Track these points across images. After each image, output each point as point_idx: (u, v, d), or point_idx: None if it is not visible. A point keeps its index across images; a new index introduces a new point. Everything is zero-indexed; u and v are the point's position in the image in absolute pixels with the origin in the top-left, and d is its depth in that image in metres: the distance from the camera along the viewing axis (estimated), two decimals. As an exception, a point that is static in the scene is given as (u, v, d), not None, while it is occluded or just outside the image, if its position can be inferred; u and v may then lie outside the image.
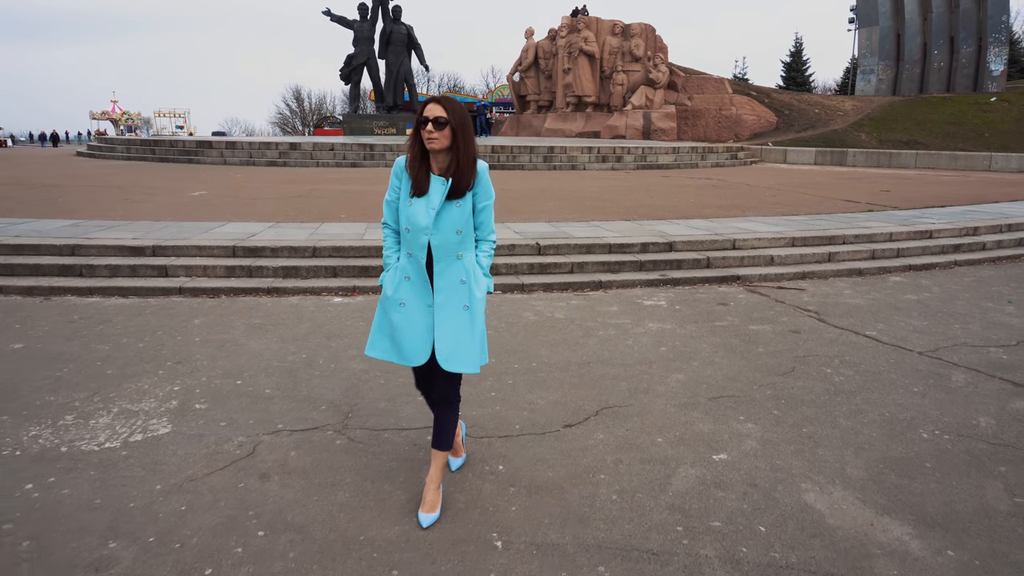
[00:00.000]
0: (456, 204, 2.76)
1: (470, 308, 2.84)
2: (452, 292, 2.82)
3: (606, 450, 3.61)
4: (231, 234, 8.15)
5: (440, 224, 2.75)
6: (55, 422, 3.86)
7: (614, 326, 5.88)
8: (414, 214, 2.75)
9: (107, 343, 5.24)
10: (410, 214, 2.76)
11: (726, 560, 2.70)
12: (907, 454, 3.60)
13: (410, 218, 2.77)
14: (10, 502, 3.05)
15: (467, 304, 2.84)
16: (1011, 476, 3.38)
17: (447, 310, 2.82)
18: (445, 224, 2.76)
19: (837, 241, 8.79)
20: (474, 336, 2.86)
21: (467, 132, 2.72)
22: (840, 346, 5.40)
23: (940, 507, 3.10)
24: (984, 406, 4.24)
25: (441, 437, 2.98)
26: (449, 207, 2.76)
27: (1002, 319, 6.23)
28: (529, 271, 7.41)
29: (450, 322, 2.82)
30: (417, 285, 2.83)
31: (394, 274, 2.88)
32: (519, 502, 3.11)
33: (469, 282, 2.85)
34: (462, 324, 2.83)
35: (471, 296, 2.84)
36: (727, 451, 3.62)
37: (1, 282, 6.70)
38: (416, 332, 2.84)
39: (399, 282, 2.85)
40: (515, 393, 4.37)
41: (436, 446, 3.00)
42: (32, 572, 2.57)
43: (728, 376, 4.72)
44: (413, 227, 2.77)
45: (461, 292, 2.83)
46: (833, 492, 3.22)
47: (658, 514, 3.02)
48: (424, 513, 2.91)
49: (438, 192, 2.74)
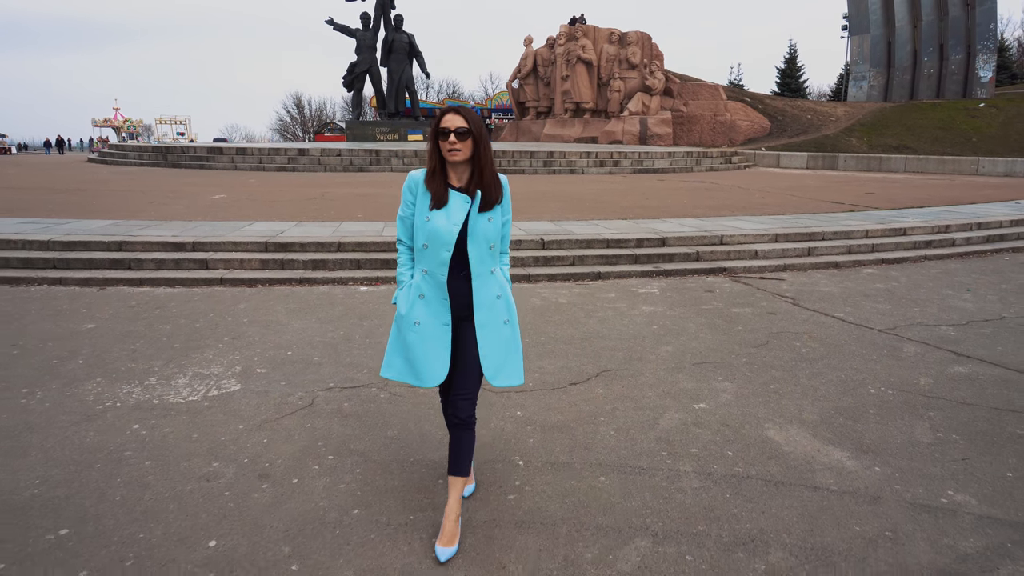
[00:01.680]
0: (488, 219, 2.71)
1: (510, 322, 2.84)
2: (491, 308, 2.78)
3: (605, 401, 4.35)
4: (261, 232, 8.89)
5: (476, 240, 2.69)
6: (142, 382, 4.60)
7: (612, 309, 6.63)
8: (435, 229, 2.67)
9: (167, 324, 5.98)
10: (429, 229, 2.68)
11: (700, 473, 3.44)
12: (855, 404, 4.35)
13: (430, 233, 2.68)
14: (124, 438, 3.78)
15: (507, 319, 2.82)
16: (937, 419, 4.13)
17: (490, 327, 2.77)
18: (481, 239, 2.70)
19: (817, 237, 9.54)
20: (517, 349, 2.88)
21: (487, 141, 2.68)
22: (810, 325, 6.15)
23: (875, 440, 3.84)
24: (927, 370, 4.99)
25: (460, 462, 2.87)
26: (482, 222, 2.70)
27: (958, 304, 6.99)
28: (535, 264, 8.16)
29: (494, 339, 2.78)
30: (434, 303, 2.75)
31: (408, 292, 2.80)
32: (535, 436, 3.85)
33: (505, 296, 2.82)
34: (505, 339, 2.81)
35: (509, 310, 2.83)
36: (706, 401, 4.36)
37: (60, 274, 7.43)
38: (432, 352, 2.76)
39: (413, 300, 2.77)
40: (528, 360, 5.11)
41: (454, 472, 2.87)
42: (158, 482, 3.30)
43: (710, 347, 5.46)
44: (432, 242, 2.68)
45: (499, 307, 2.80)
46: (790, 430, 3.96)
47: (647, 444, 3.76)
48: (441, 546, 2.75)
49: (462, 208, 2.67)
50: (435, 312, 2.75)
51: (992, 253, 9.96)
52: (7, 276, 7.39)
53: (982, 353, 5.36)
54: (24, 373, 4.73)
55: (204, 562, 2.70)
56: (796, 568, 2.68)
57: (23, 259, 7.74)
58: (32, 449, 3.62)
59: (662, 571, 2.66)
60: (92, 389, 4.46)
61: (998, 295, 7.36)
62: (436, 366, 2.76)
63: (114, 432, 3.84)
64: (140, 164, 24.52)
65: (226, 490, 3.24)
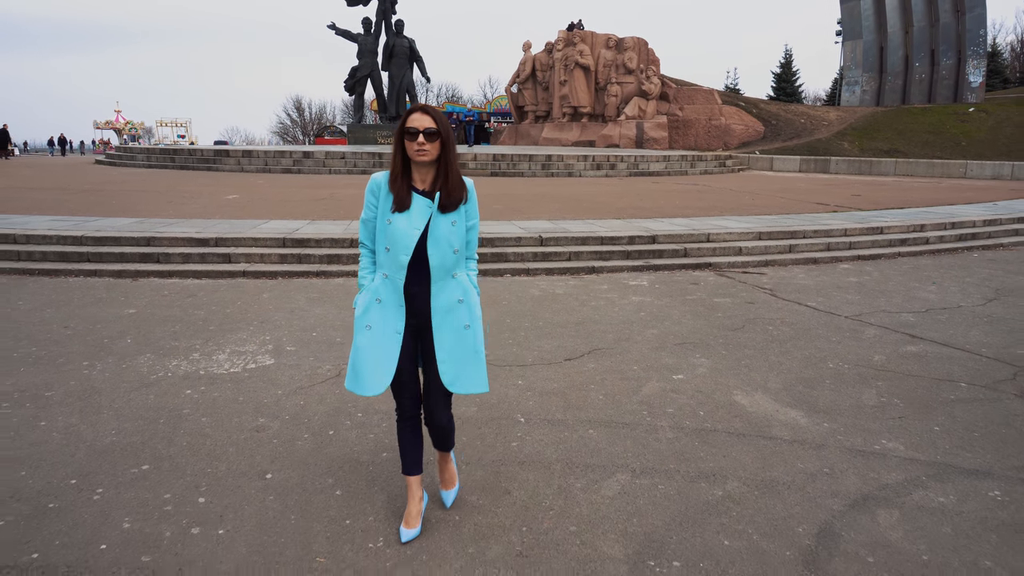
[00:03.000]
0: (452, 222, 2.65)
1: (471, 327, 2.76)
2: (450, 312, 2.72)
3: (595, 373, 4.97)
4: (277, 229, 9.50)
5: (437, 243, 2.63)
6: (187, 357, 5.21)
7: (604, 299, 7.25)
8: (395, 232, 2.61)
9: (201, 310, 6.59)
10: (391, 232, 2.62)
11: (674, 427, 4.06)
12: (814, 375, 4.97)
13: (391, 236, 2.62)
14: (180, 400, 4.39)
15: (468, 323, 2.75)
16: (884, 387, 4.75)
17: (447, 331, 2.72)
18: (443, 243, 2.64)
19: (798, 236, 10.17)
20: (478, 355, 2.79)
21: (453, 143, 2.64)
22: (784, 312, 6.77)
23: (827, 403, 4.46)
24: (882, 349, 5.61)
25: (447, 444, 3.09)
26: (444, 225, 2.64)
27: (922, 295, 7.61)
28: (533, 259, 8.78)
29: (453, 344, 2.73)
30: (389, 308, 2.69)
31: (366, 295, 2.74)
32: (534, 400, 4.46)
33: (467, 300, 2.75)
34: (466, 344, 2.74)
35: (470, 315, 2.76)
36: (683, 373, 4.98)
37: (94, 267, 8.03)
38: (379, 359, 2.69)
39: (369, 303, 2.71)
40: (527, 340, 5.73)
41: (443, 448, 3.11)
42: (215, 432, 3.91)
43: (691, 331, 6.08)
44: (394, 246, 2.62)
45: (460, 311, 2.73)
46: (755, 395, 4.58)
47: (631, 406, 4.38)
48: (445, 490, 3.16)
49: (424, 212, 2.62)
50: (388, 318, 2.69)
51: (963, 250, 10.59)
52: (46, 268, 8.00)
53: (934, 335, 5.98)
54: (81, 349, 5.34)
55: (264, 488, 3.31)
56: (748, 494, 3.30)
57: (59, 253, 8.35)
58: (103, 408, 4.23)
59: (638, 496, 3.27)
60: (144, 362, 5.07)
61: (960, 287, 7.99)
62: (379, 374, 2.69)
63: (170, 396, 4.45)
64: (148, 166, 25.11)
65: (274, 439, 3.85)
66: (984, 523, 3.06)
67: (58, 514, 3.05)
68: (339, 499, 3.22)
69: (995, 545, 2.89)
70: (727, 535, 2.95)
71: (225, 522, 3.01)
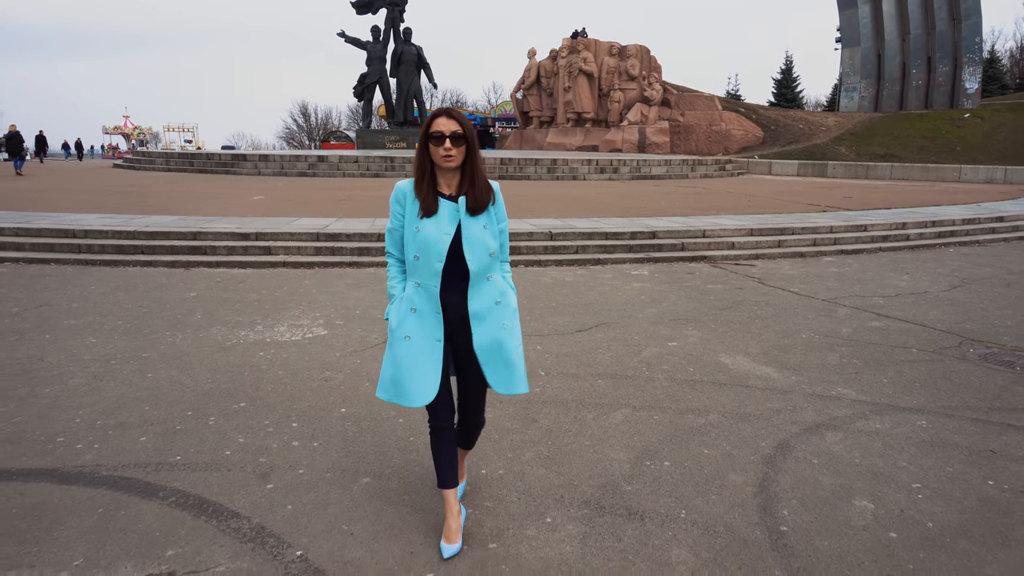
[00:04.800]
0: (483, 225, 2.63)
1: (509, 327, 2.74)
2: (489, 315, 2.70)
3: (602, 341, 5.84)
4: (309, 225, 10.39)
5: (473, 247, 2.61)
6: (252, 329, 6.09)
7: (608, 285, 8.13)
8: (426, 239, 2.57)
9: (253, 293, 7.47)
10: (420, 240, 2.58)
11: (668, 379, 4.92)
12: (788, 343, 5.83)
13: (420, 243, 2.58)
14: (257, 359, 5.27)
15: (506, 323, 2.73)
16: (846, 351, 5.61)
17: (487, 333, 2.69)
18: (478, 246, 2.62)
19: (787, 232, 11.03)
20: (519, 355, 2.77)
21: (477, 146, 2.60)
22: (768, 296, 7.64)
23: (796, 363, 5.32)
24: (850, 323, 6.48)
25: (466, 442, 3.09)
26: (476, 228, 2.62)
27: (894, 283, 8.47)
28: (544, 252, 9.65)
29: (493, 345, 2.70)
30: (426, 317, 2.65)
31: (399, 305, 2.70)
32: (551, 360, 5.33)
33: (504, 302, 2.73)
34: (506, 345, 2.72)
35: (509, 315, 2.75)
36: (677, 341, 5.85)
37: (149, 258, 8.93)
38: (423, 369, 2.65)
39: (404, 314, 2.67)
40: (543, 317, 6.60)
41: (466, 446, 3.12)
42: (292, 381, 4.78)
43: (686, 310, 6.95)
44: (424, 253, 2.58)
45: (498, 313, 2.71)
46: (737, 357, 5.45)
47: (632, 364, 5.25)
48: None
49: (452, 216, 2.59)
50: (427, 326, 2.65)
51: (940, 246, 11.44)
52: (106, 259, 8.90)
53: (898, 314, 6.84)
54: (160, 323, 6.22)
55: (341, 418, 4.18)
56: (724, 422, 4.16)
57: (116, 246, 9.25)
58: (195, 365, 5.11)
59: (638, 423, 4.14)
60: (217, 333, 5.95)
61: (930, 277, 8.85)
62: (425, 384, 2.65)
63: (247, 356, 5.33)
64: (168, 170, 26.05)
65: (341, 386, 4.72)
66: (908, 440, 3.92)
67: (185, 434, 3.93)
68: (402, 425, 4.09)
69: (912, 453, 3.75)
70: (706, 446, 3.82)
71: (317, 438, 3.89)
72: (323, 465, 3.57)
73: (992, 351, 5.64)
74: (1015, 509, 3.20)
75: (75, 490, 3.29)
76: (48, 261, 8.87)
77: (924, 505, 3.23)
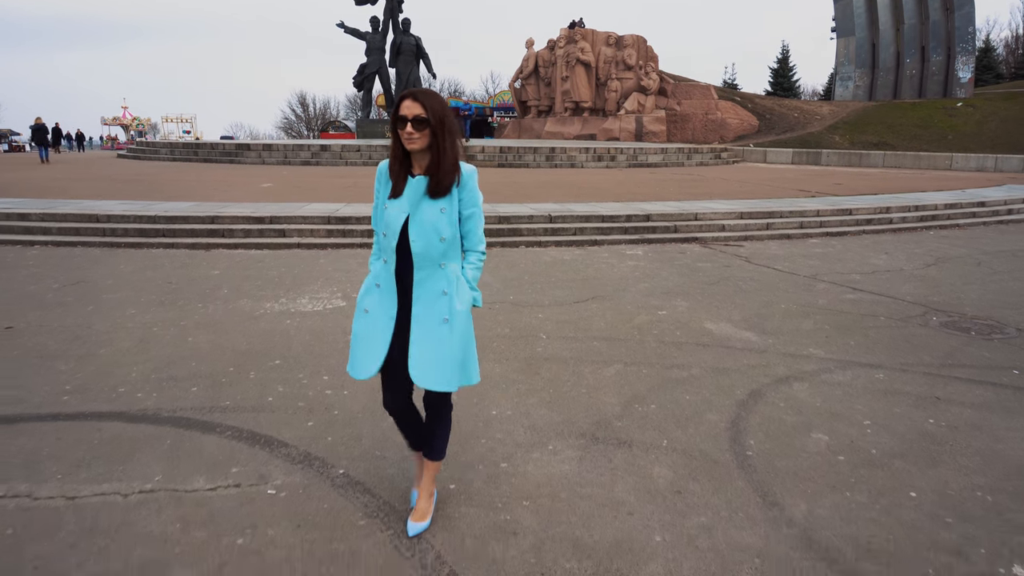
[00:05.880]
0: (440, 209, 2.59)
1: (450, 321, 2.62)
2: (431, 304, 2.62)
3: (598, 311, 6.39)
4: (319, 210, 10.91)
5: (422, 229, 2.57)
6: (276, 301, 6.63)
7: (604, 263, 8.67)
8: (389, 218, 2.60)
9: (273, 271, 8.00)
10: (386, 218, 2.61)
11: (657, 341, 5.48)
12: (768, 312, 6.38)
13: (387, 222, 2.61)
14: (284, 326, 5.81)
15: (447, 317, 2.62)
16: (820, 319, 6.16)
17: (424, 323, 2.61)
18: (427, 229, 2.57)
19: (775, 216, 11.57)
20: (452, 351, 2.63)
21: (449, 129, 2.55)
22: (754, 272, 8.19)
23: (774, 328, 5.87)
24: (826, 296, 7.03)
25: (433, 445, 2.90)
26: (431, 211, 2.58)
27: (873, 261, 9.03)
28: (544, 233, 10.19)
29: (426, 336, 2.61)
30: (384, 294, 2.67)
31: (367, 280, 2.76)
32: (551, 326, 5.88)
33: (451, 294, 2.63)
34: (439, 338, 2.61)
35: (451, 309, 2.63)
36: (666, 310, 6.40)
37: (171, 240, 9.46)
38: (371, 344, 2.66)
39: (369, 288, 2.72)
40: (543, 290, 7.15)
41: (427, 455, 2.92)
42: (318, 344, 5.33)
43: (676, 285, 7.50)
44: (388, 231, 2.61)
45: (441, 304, 2.62)
46: (720, 323, 6.00)
47: (625, 329, 5.80)
48: (413, 521, 2.84)
49: (411, 196, 2.59)
50: (383, 303, 2.67)
51: (922, 229, 12.00)
52: (130, 242, 9.42)
53: (871, 288, 7.40)
54: (191, 296, 6.76)
55: (366, 372, 4.72)
56: (705, 375, 4.71)
57: (138, 229, 9.77)
58: (230, 330, 5.65)
59: (629, 376, 4.69)
60: (244, 305, 6.49)
61: (907, 256, 9.41)
62: (369, 358, 2.67)
63: (276, 323, 5.88)
64: (172, 159, 26.51)
65: (363, 347, 5.26)
66: (865, 389, 4.48)
67: (230, 385, 4.48)
68: (420, 378, 4.63)
69: (868, 400, 4.31)
70: (688, 393, 4.38)
71: (346, 388, 4.43)
72: (354, 408, 4.12)
73: (952, 319, 6.20)
74: (947, 440, 3.77)
75: (143, 427, 3.84)
76: (75, 244, 9.39)
77: (871, 437, 3.79)
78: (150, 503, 3.06)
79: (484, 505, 3.08)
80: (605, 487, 3.24)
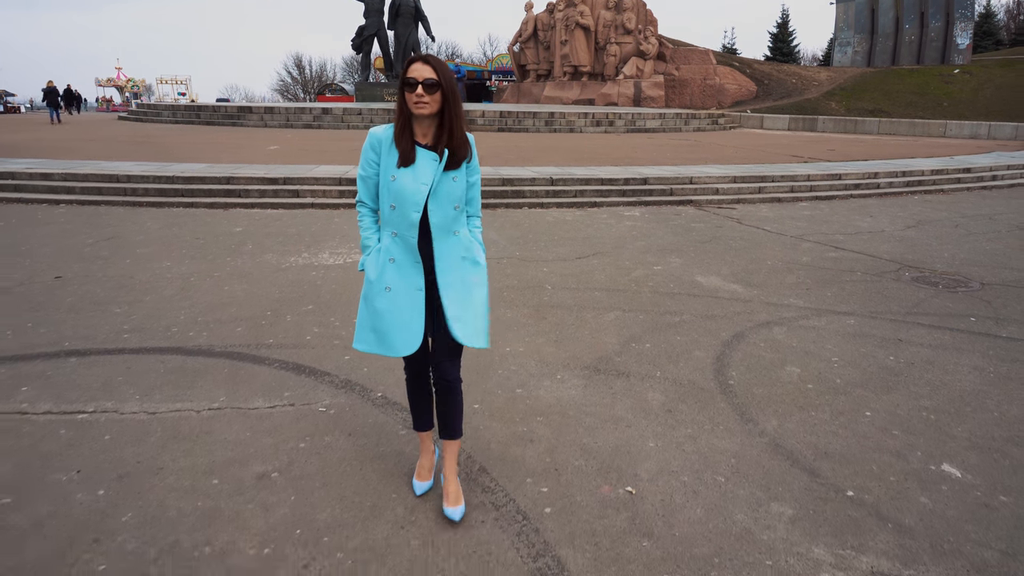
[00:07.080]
0: (453, 178, 2.60)
1: (480, 283, 2.72)
2: (455, 269, 2.66)
3: (598, 266, 6.92)
4: (330, 171, 11.34)
5: (440, 200, 2.58)
6: (299, 255, 7.13)
7: (604, 223, 9.18)
8: (402, 189, 2.53)
9: (292, 228, 8.49)
10: (396, 189, 2.54)
11: (652, 292, 6.02)
12: (755, 268, 6.92)
13: (396, 193, 2.54)
14: (310, 276, 6.32)
15: (475, 278, 2.71)
16: (802, 273, 6.70)
17: (455, 288, 2.65)
18: (444, 199, 2.59)
19: (767, 180, 12.04)
20: (483, 311, 2.74)
21: (457, 95, 2.53)
22: (744, 232, 8.71)
23: (759, 281, 6.42)
24: (810, 254, 7.56)
25: (452, 424, 2.87)
26: (446, 181, 2.58)
27: (856, 223, 9.55)
28: (545, 195, 10.66)
29: (459, 299, 2.66)
30: (406, 267, 2.62)
31: (376, 257, 2.67)
32: (556, 278, 6.41)
33: (470, 257, 2.70)
34: (472, 300, 2.69)
35: (476, 272, 2.71)
36: (661, 266, 6.93)
37: (190, 200, 9.91)
38: (405, 319, 2.63)
39: (383, 265, 2.64)
40: (547, 247, 7.66)
41: (446, 435, 2.88)
42: (344, 292, 5.85)
43: (671, 243, 8.02)
44: (400, 203, 2.55)
45: (465, 269, 2.68)
46: (710, 277, 6.54)
47: (623, 281, 6.33)
48: (450, 507, 2.78)
49: (429, 167, 2.55)
50: (407, 276, 2.62)
51: (907, 194, 12.49)
52: (151, 200, 9.87)
53: (852, 247, 7.93)
54: (219, 251, 7.26)
55: (391, 316, 5.26)
56: (694, 321, 5.26)
57: (158, 189, 10.21)
58: (261, 281, 6.17)
59: (626, 320, 5.24)
60: (270, 259, 7.00)
61: (890, 219, 9.93)
62: (409, 334, 2.65)
63: (302, 274, 6.39)
64: (175, 122, 26.69)
65: (385, 296, 5.79)
66: (836, 332, 5.04)
67: (271, 326, 5.01)
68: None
69: (838, 341, 4.87)
70: (679, 335, 4.93)
71: (375, 329, 4.96)
72: (384, 346, 4.66)
73: (923, 275, 6.75)
74: (904, 372, 4.33)
75: (201, 359, 4.38)
76: (99, 203, 9.84)
77: (837, 370, 4.35)
78: (220, 418, 3.61)
79: (504, 420, 3.64)
80: (606, 407, 3.80)
